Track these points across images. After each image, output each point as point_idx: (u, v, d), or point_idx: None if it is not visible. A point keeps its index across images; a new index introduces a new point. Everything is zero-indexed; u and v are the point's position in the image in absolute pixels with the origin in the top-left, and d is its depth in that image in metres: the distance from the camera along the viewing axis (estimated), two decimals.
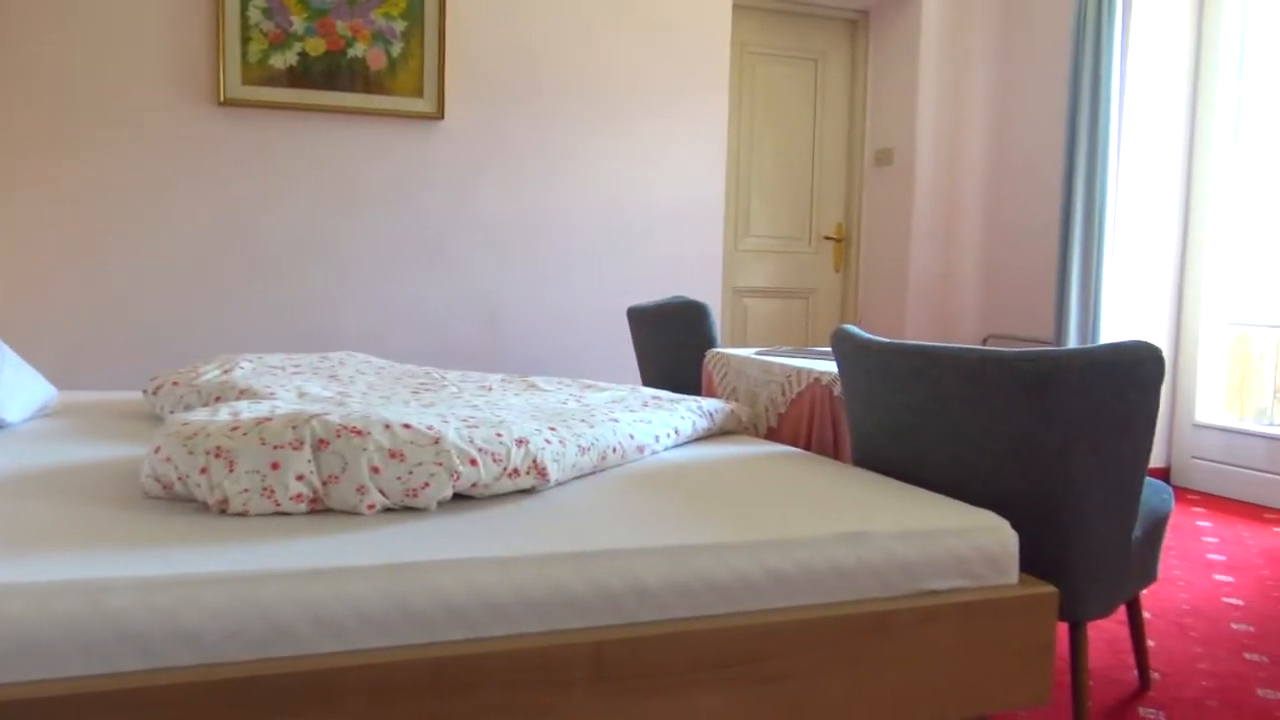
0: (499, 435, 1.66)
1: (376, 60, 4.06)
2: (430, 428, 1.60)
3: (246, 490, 1.49)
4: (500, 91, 4.29)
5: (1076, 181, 4.42)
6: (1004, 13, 5.06)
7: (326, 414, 1.60)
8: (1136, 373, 1.78)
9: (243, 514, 1.50)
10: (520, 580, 1.34)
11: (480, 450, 1.60)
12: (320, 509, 1.54)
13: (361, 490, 1.52)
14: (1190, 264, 4.51)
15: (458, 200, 4.28)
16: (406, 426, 1.59)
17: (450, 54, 4.18)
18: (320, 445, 1.53)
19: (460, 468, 1.56)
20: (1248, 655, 2.49)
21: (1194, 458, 4.46)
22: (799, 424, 2.65)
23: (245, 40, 3.88)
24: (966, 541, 1.60)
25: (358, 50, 4.03)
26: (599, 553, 1.40)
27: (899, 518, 1.61)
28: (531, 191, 4.38)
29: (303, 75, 3.97)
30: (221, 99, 3.87)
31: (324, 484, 1.52)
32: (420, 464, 1.54)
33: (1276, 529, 3.77)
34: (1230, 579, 3.12)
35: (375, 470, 1.53)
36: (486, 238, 4.33)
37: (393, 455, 1.54)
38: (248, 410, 1.78)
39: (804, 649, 1.45)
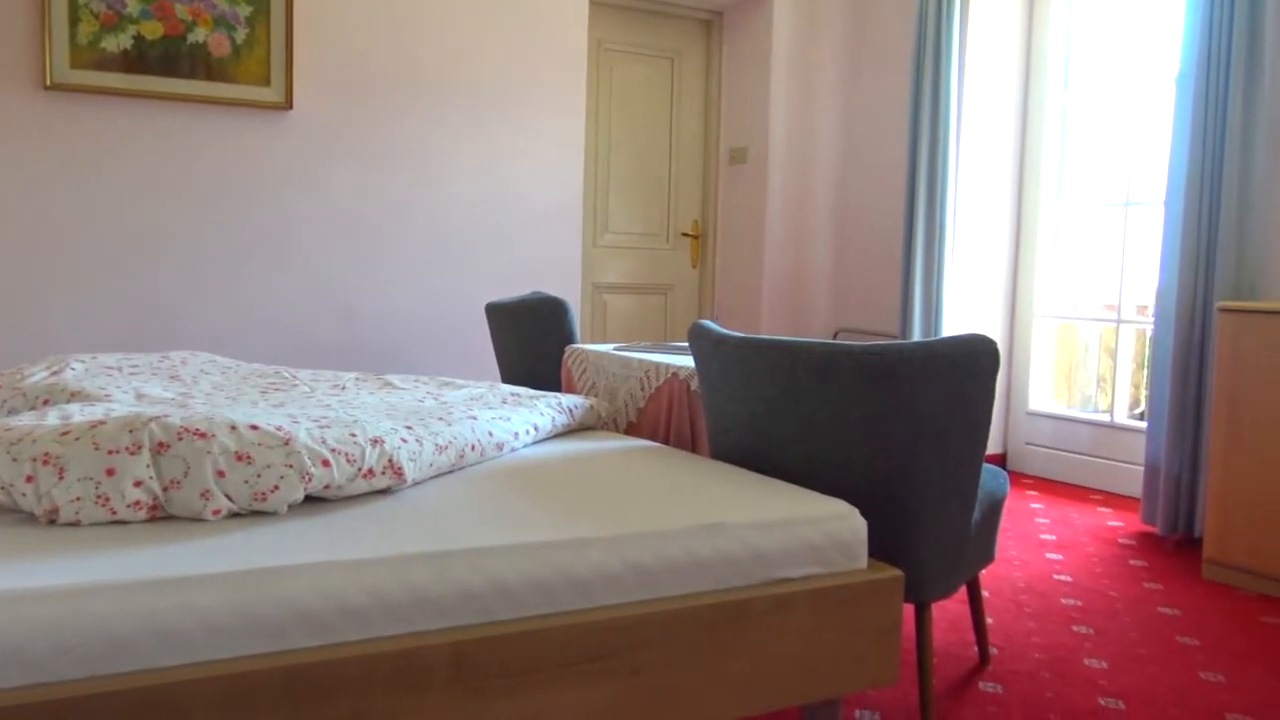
0: (353, 435, 1.62)
1: (219, 46, 3.89)
2: (280, 429, 1.55)
3: (79, 499, 1.41)
4: (353, 82, 4.18)
5: (919, 183, 4.62)
6: (852, 17, 5.24)
7: (167, 416, 1.53)
8: (973, 364, 1.87)
9: (75, 524, 1.41)
10: (376, 582, 1.31)
11: (333, 451, 1.56)
12: (161, 516, 1.47)
13: (206, 495, 1.45)
14: (1023, 262, 4.78)
15: (309, 194, 4.14)
16: (254, 428, 1.53)
17: (299, 42, 4.04)
18: (160, 449, 1.46)
19: (312, 469, 1.52)
20: (1076, 628, 2.66)
21: (1027, 444, 4.72)
22: (657, 418, 2.68)
23: (74, 21, 3.65)
24: (819, 530, 1.65)
25: (199, 35, 3.85)
26: (457, 552, 1.38)
27: (754, 508, 1.65)
28: (387, 185, 4.29)
29: (138, 60, 3.77)
30: (48, 83, 3.64)
31: (164, 490, 1.45)
32: (269, 466, 1.49)
33: (1101, 509, 4.04)
34: (1060, 557, 3.33)
35: (221, 474, 1.47)
36: (340, 233, 4.21)
37: (239, 458, 1.48)
38: (79, 413, 1.68)
39: (664, 640, 1.48)
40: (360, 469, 1.59)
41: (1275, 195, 3.47)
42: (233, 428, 1.52)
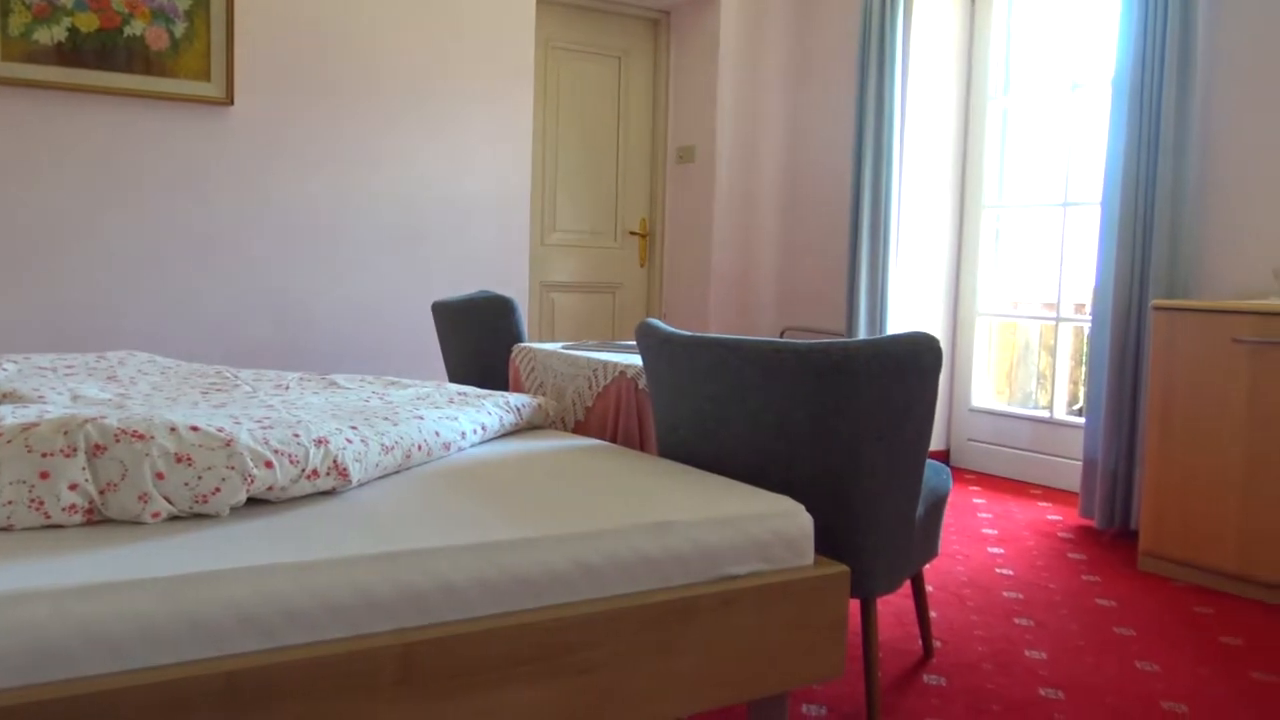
0: (296, 436, 1.59)
1: (157, 40, 3.81)
2: (221, 430, 1.52)
3: (11, 503, 1.37)
4: (295, 77, 4.12)
5: (864, 183, 4.67)
6: (797, 19, 5.28)
7: (103, 417, 1.50)
8: (917, 361, 1.90)
9: (7, 529, 1.37)
10: (321, 585, 1.29)
11: (276, 452, 1.54)
12: (98, 520, 1.43)
13: (144, 498, 1.42)
14: (965, 261, 4.86)
15: (251, 191, 4.08)
16: (194, 429, 1.50)
17: (240, 36, 3.98)
18: (96, 451, 1.43)
19: (254, 471, 1.49)
20: (1017, 620, 2.71)
21: (970, 440, 4.80)
22: (605, 417, 2.68)
23: (5, 12, 3.55)
24: (765, 526, 1.66)
25: (135, 28, 3.77)
26: (404, 553, 1.37)
27: (702, 506, 1.66)
28: (331, 182, 4.23)
29: (73, 53, 3.67)
30: None
31: (101, 493, 1.42)
32: (210, 468, 1.46)
33: (1041, 503, 4.12)
34: (1002, 551, 3.39)
35: (160, 476, 1.44)
36: (284, 231, 4.15)
37: (179, 460, 1.45)
38: (11, 415, 1.64)
39: (612, 638, 1.48)
40: (304, 470, 1.56)
41: (1207, 196, 3.57)
42: (172, 429, 1.49)
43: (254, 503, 1.55)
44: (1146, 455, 3.21)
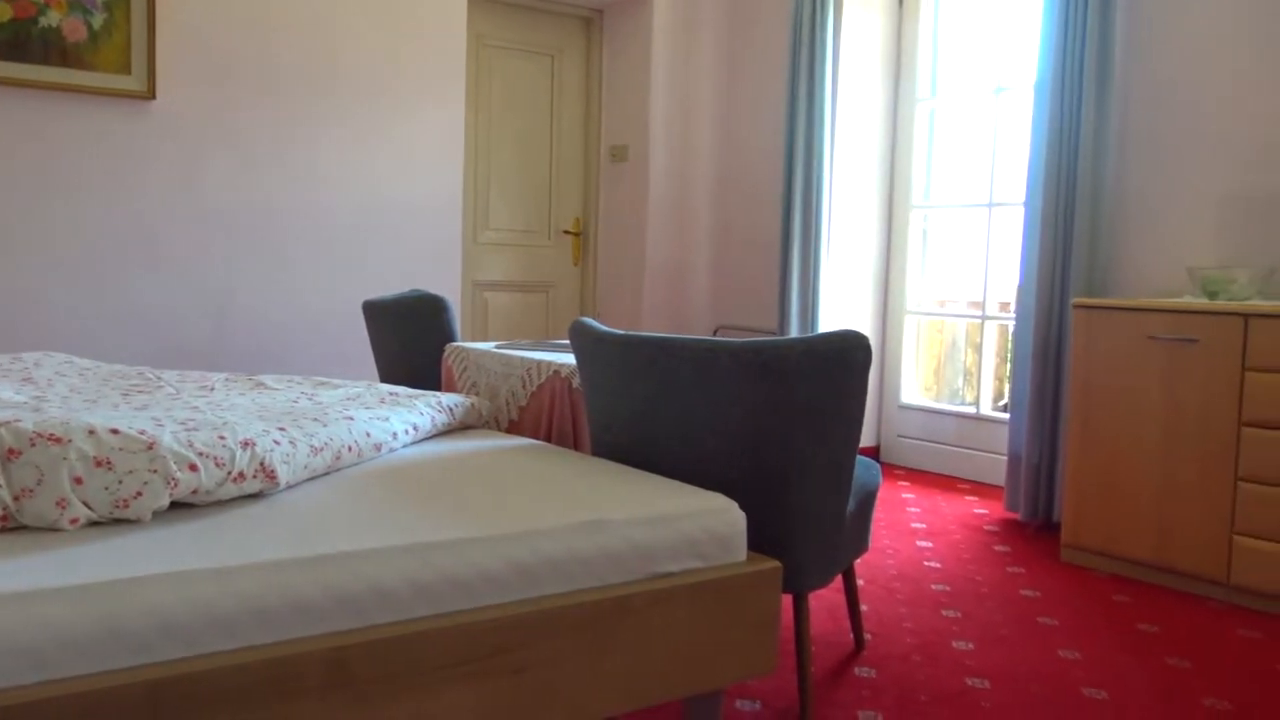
0: (222, 438, 1.56)
1: (74, 31, 3.69)
2: (143, 432, 1.49)
3: None
4: (220, 73, 4.03)
5: (795, 183, 4.73)
6: (729, 18, 5.32)
7: (18, 420, 1.45)
8: (847, 359, 1.93)
9: None
10: (247, 590, 1.27)
11: (201, 454, 1.51)
12: (12, 527, 1.39)
13: (62, 503, 1.38)
14: (894, 260, 4.94)
15: (176, 188, 3.98)
16: (114, 431, 1.46)
17: (162, 29, 3.88)
18: (10, 455, 1.38)
19: (178, 474, 1.46)
20: (945, 612, 2.77)
21: (899, 436, 4.89)
22: (539, 416, 2.67)
23: None
24: (698, 524, 1.68)
25: (51, 19, 3.65)
26: (333, 556, 1.35)
27: (636, 505, 1.67)
28: (258, 180, 4.15)
29: None
30: None
31: (15, 499, 1.38)
32: (131, 472, 1.43)
33: (968, 497, 4.21)
34: (930, 544, 3.46)
35: (78, 481, 1.40)
36: (210, 229, 4.06)
37: (99, 463, 1.41)
38: None
39: (547, 638, 1.47)
40: (230, 473, 1.53)
41: (1124, 197, 3.68)
42: (91, 432, 1.45)
43: (178, 507, 1.51)
44: (1068, 450, 3.30)
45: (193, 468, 1.48)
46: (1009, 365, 4.21)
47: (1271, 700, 2.25)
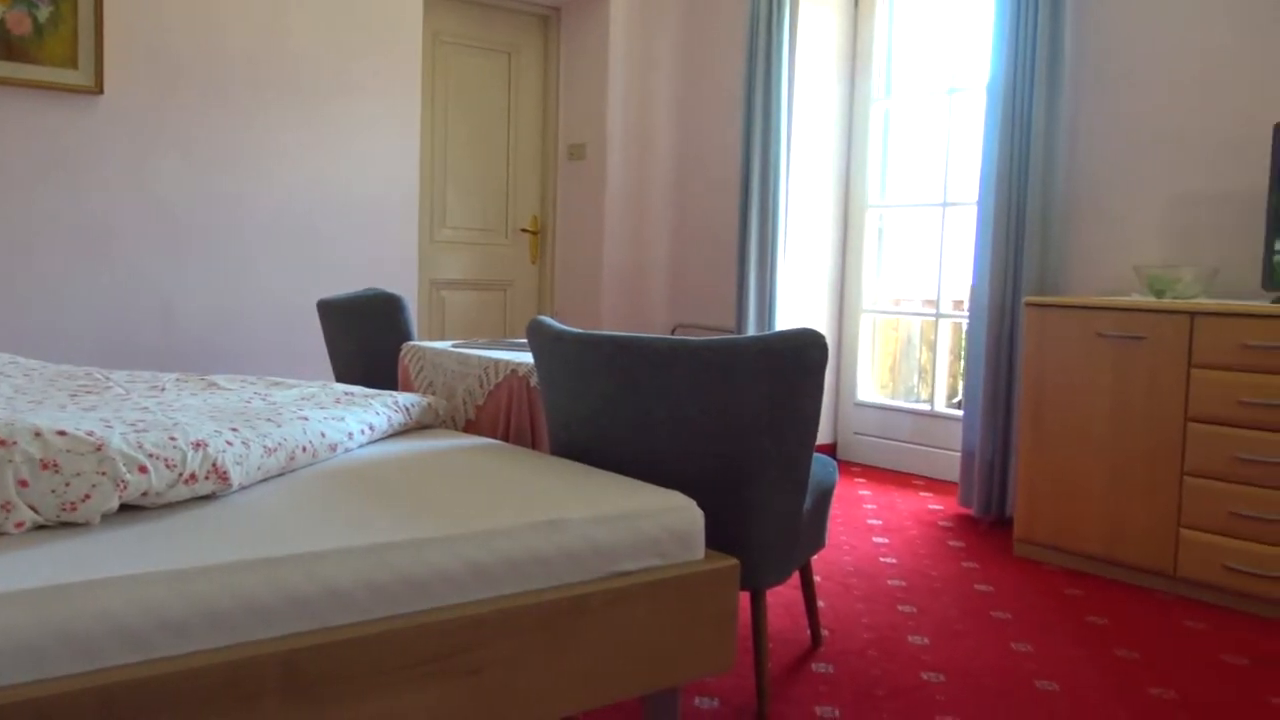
0: (173, 439, 1.54)
1: (19, 24, 3.61)
2: (91, 433, 1.46)
3: None
4: (170, 67, 3.96)
5: (753, 182, 4.75)
6: (686, 19, 5.33)
7: None
8: (804, 357, 1.94)
9: None
10: (199, 593, 1.25)
11: (151, 456, 1.48)
12: None
13: (7, 507, 1.35)
14: (849, 259, 4.98)
15: (125, 185, 3.91)
16: (61, 433, 1.44)
17: (110, 23, 3.80)
18: None
19: (127, 476, 1.44)
20: (900, 607, 2.80)
21: (856, 433, 4.93)
22: (497, 415, 2.66)
23: None
24: (657, 522, 1.68)
25: None
26: (288, 557, 1.33)
27: (593, 503, 1.66)
28: (210, 177, 4.09)
29: None
30: None
31: None
32: (79, 474, 1.40)
33: (923, 494, 4.26)
34: (886, 541, 3.49)
35: (23, 484, 1.37)
36: (160, 227, 3.99)
37: (45, 466, 1.39)
38: None
39: (505, 637, 1.47)
40: (181, 474, 1.51)
41: (1074, 198, 3.74)
42: (37, 433, 1.42)
43: (128, 509, 1.49)
44: (1020, 446, 3.35)
45: (143, 469, 1.46)
46: (963, 363, 4.26)
47: (1216, 689, 2.30)
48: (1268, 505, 2.76)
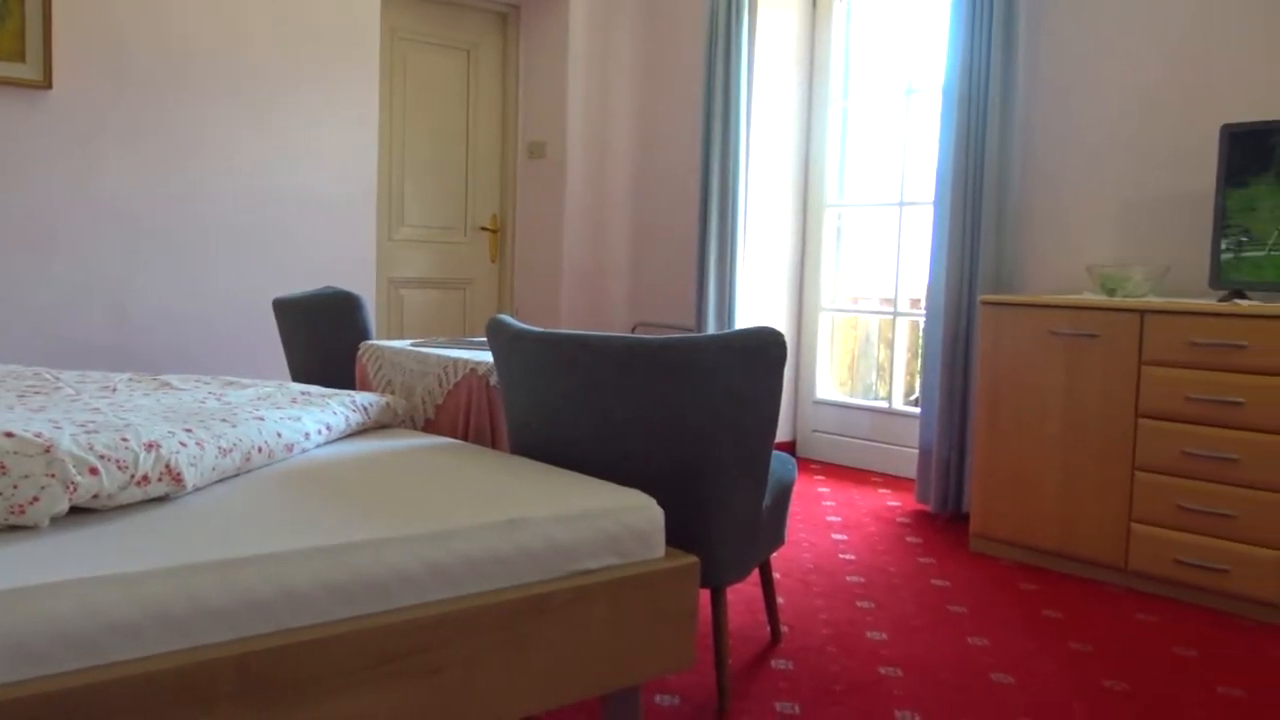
0: (125, 440, 1.51)
1: None
2: (39, 435, 1.43)
3: None
4: (122, 62, 3.89)
5: (712, 180, 4.76)
6: (646, 17, 5.33)
7: None
8: (763, 355, 1.95)
9: None
10: (151, 596, 1.23)
11: (102, 457, 1.46)
12: None
13: None
14: (808, 258, 5.01)
15: (75, 181, 3.83)
16: (8, 434, 1.41)
17: (60, 15, 3.73)
18: None
19: (78, 478, 1.41)
20: (859, 603, 2.83)
21: (815, 431, 4.96)
22: (456, 415, 2.65)
23: None
24: (617, 521, 1.68)
25: None
26: (243, 559, 1.32)
27: (553, 502, 1.66)
28: (163, 174, 4.02)
29: None
30: None
31: None
32: (27, 476, 1.37)
33: (881, 490, 4.30)
34: (845, 537, 3.52)
35: None
36: (112, 225, 3.92)
37: None
38: None
39: (465, 638, 1.46)
40: (134, 476, 1.49)
41: (1028, 198, 3.80)
42: None
43: (78, 512, 1.46)
44: (976, 442, 3.39)
45: (93, 471, 1.43)
46: (920, 361, 4.31)
47: (1166, 681, 2.35)
48: (1215, 499, 2.82)
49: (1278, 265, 2.94)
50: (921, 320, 4.20)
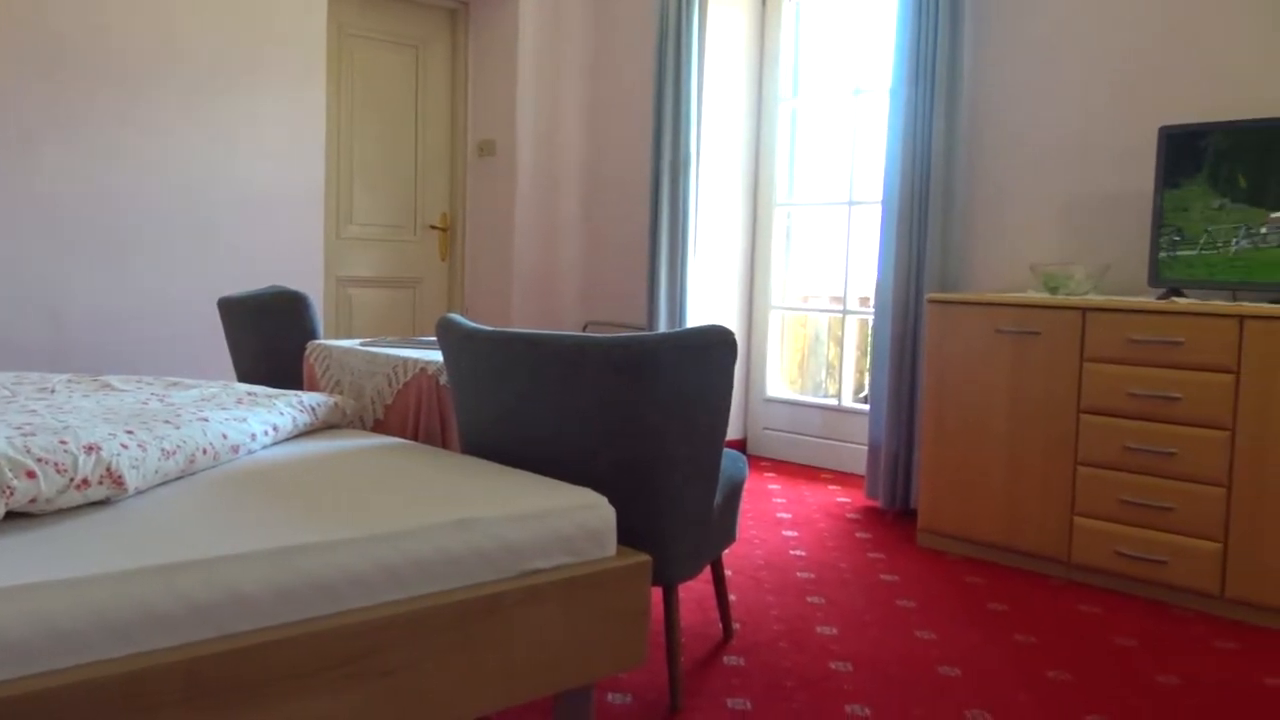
0: (63, 442, 1.48)
1: None
2: None
3: None
4: (52, 55, 3.80)
5: (663, 179, 4.77)
6: (595, 15, 5.32)
7: None
8: (713, 354, 1.96)
9: None
10: (94, 602, 1.20)
11: (40, 460, 1.42)
12: None
13: None
14: (758, 257, 5.04)
15: (4, 178, 3.73)
16: None
17: None
18: None
19: (14, 482, 1.38)
20: (810, 599, 2.85)
21: (765, 428, 5.00)
22: (406, 415, 2.63)
23: None
24: (569, 520, 1.68)
25: None
26: (188, 563, 1.29)
27: (505, 502, 1.66)
28: (96, 170, 3.93)
29: None
30: None
31: None
32: None
33: (831, 487, 4.34)
34: (795, 534, 3.55)
35: None
36: (44, 224, 3.82)
37: None
38: None
39: (416, 639, 1.45)
40: (73, 479, 1.45)
41: (973, 198, 3.86)
42: None
43: (16, 517, 1.42)
44: (923, 439, 3.44)
45: (30, 474, 1.40)
46: (869, 358, 4.35)
47: (1108, 670, 2.40)
48: (1154, 493, 2.89)
49: (1208, 264, 3.02)
50: (870, 318, 4.25)
